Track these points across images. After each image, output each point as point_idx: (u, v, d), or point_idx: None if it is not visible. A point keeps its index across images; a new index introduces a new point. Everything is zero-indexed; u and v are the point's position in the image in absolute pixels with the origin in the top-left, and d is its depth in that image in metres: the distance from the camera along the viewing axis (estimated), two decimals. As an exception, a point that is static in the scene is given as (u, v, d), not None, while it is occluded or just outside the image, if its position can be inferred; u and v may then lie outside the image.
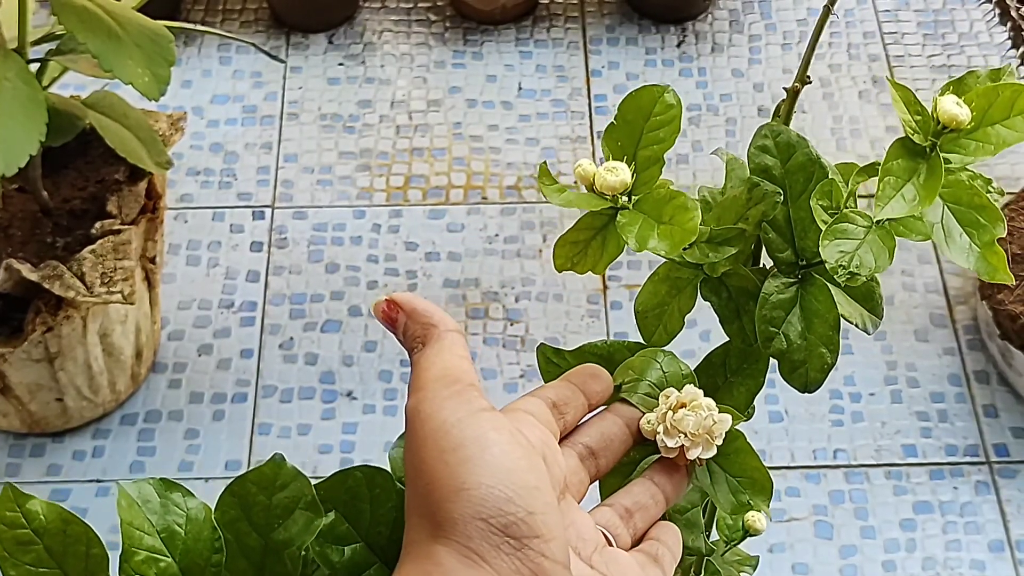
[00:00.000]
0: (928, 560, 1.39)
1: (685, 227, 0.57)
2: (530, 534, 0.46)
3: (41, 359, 1.35)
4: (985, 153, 0.59)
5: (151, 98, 1.14)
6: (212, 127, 1.78)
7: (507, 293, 1.61)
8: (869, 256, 0.59)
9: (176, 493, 0.63)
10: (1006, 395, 1.52)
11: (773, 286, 0.62)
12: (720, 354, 0.65)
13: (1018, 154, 1.74)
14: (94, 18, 1.12)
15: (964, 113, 0.58)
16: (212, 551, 0.62)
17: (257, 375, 1.54)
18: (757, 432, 1.47)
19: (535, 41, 1.88)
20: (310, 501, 0.61)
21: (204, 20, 1.90)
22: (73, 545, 0.62)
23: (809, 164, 0.63)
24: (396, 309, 0.53)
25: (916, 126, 0.59)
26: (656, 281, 0.66)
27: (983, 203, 0.58)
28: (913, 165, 0.59)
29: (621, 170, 0.58)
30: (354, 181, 1.72)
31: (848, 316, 0.64)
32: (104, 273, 1.28)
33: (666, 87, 0.60)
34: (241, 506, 0.62)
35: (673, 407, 0.57)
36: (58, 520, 0.62)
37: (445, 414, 0.49)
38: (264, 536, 0.62)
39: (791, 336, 0.62)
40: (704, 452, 0.57)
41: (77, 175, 1.39)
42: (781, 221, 0.63)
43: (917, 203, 0.58)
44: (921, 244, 1.65)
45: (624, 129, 0.60)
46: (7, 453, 1.47)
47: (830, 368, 0.63)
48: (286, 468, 0.62)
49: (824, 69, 1.84)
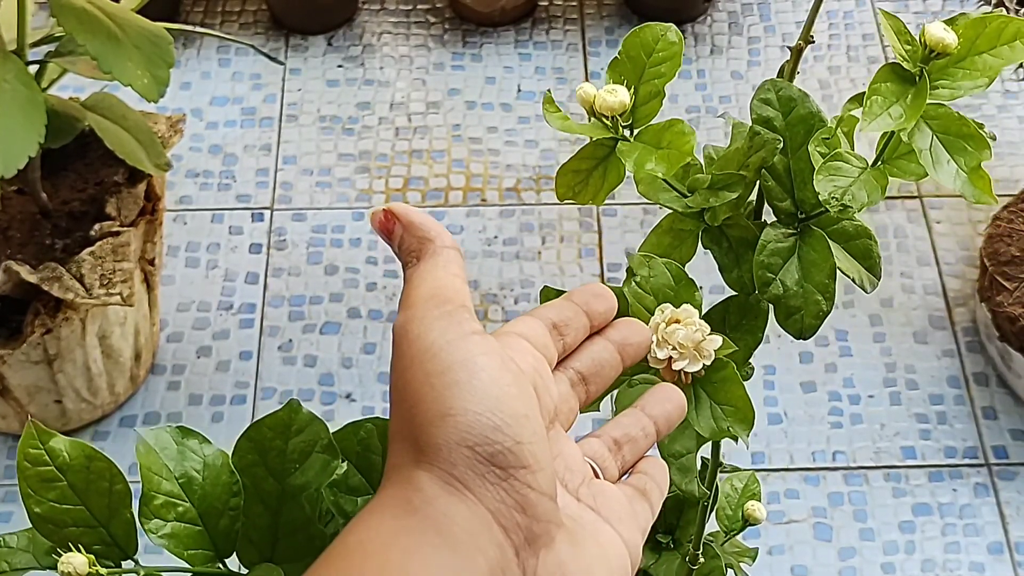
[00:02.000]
0: (927, 562, 1.39)
1: (682, 149, 0.59)
2: (517, 464, 0.45)
3: (40, 361, 1.35)
4: (973, 81, 0.61)
5: (150, 100, 1.14)
6: (211, 129, 1.78)
7: (506, 295, 1.61)
8: (862, 192, 0.61)
9: (193, 440, 0.64)
10: (1005, 397, 1.52)
11: (772, 235, 0.64)
12: (720, 310, 0.66)
13: (1017, 156, 1.74)
14: (93, 20, 1.12)
15: (951, 38, 0.60)
16: (230, 495, 0.62)
17: (256, 377, 1.54)
18: (756, 434, 1.47)
19: (534, 43, 1.88)
20: (326, 444, 0.61)
21: (203, 22, 1.90)
22: (96, 481, 0.62)
23: (809, 117, 0.65)
24: (393, 220, 0.50)
25: (906, 54, 0.61)
26: (659, 232, 0.68)
27: (970, 132, 0.60)
28: (901, 89, 0.61)
29: (620, 91, 0.60)
30: (353, 183, 1.72)
31: (846, 271, 0.65)
32: (103, 275, 1.28)
33: (668, 26, 0.63)
34: (258, 451, 0.62)
35: (667, 320, 0.58)
36: (81, 457, 0.62)
37: (434, 335, 0.46)
38: (280, 480, 0.62)
39: (788, 283, 0.64)
40: (691, 366, 0.57)
41: (76, 177, 1.39)
42: (781, 171, 0.65)
43: (904, 120, 0.60)
44: (921, 246, 1.65)
45: (627, 64, 0.63)
46: (6, 455, 1.47)
47: (825, 315, 0.65)
48: (302, 413, 0.62)
49: (823, 71, 1.84)
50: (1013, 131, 1.77)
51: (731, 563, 0.84)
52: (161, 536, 0.61)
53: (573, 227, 1.67)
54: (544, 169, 1.73)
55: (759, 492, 0.87)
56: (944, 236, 1.66)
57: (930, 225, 1.68)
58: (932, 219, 1.68)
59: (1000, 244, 1.50)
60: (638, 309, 0.60)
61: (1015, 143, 1.76)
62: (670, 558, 0.82)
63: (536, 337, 0.52)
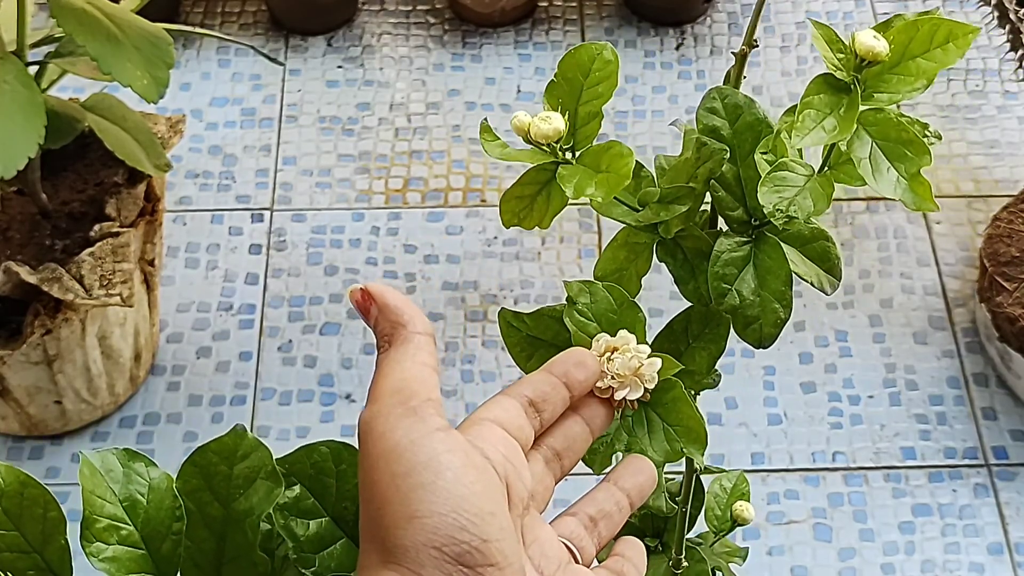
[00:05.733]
0: (927, 563, 1.39)
1: (620, 172, 0.59)
2: (484, 562, 0.45)
3: (40, 362, 1.35)
4: (908, 86, 0.60)
5: (150, 101, 1.14)
6: (211, 130, 1.78)
7: (506, 296, 1.61)
8: (808, 201, 0.60)
9: (139, 463, 0.64)
10: (1005, 398, 1.52)
11: (726, 244, 0.64)
12: (681, 320, 0.66)
13: (1017, 156, 1.74)
14: (93, 21, 1.12)
15: (881, 45, 0.59)
16: (173, 519, 0.62)
17: (256, 378, 1.54)
18: (756, 435, 1.47)
19: (534, 43, 1.88)
20: (271, 471, 0.61)
21: (203, 23, 1.90)
22: (30, 507, 0.62)
23: (757, 124, 0.64)
24: (369, 300, 0.51)
25: (838, 63, 0.60)
26: (615, 247, 0.67)
27: (910, 138, 0.59)
28: (835, 99, 0.61)
29: (554, 119, 0.60)
30: (353, 184, 1.72)
31: (804, 276, 0.65)
32: (103, 276, 1.28)
33: (604, 45, 0.62)
34: (203, 475, 0.62)
35: (603, 351, 0.58)
36: (16, 483, 0.62)
37: (399, 434, 0.47)
38: (225, 505, 0.62)
39: (744, 292, 0.64)
40: (632, 393, 0.57)
41: (76, 178, 1.39)
42: (731, 180, 0.65)
43: (837, 132, 0.59)
44: (921, 247, 1.65)
45: (564, 86, 0.62)
46: (5, 456, 1.47)
47: (783, 323, 0.64)
48: (248, 439, 0.62)
49: (823, 71, 1.84)
50: (1013, 131, 1.77)
51: (719, 565, 0.84)
52: (102, 560, 0.61)
53: (573, 228, 1.67)
54: (544, 170, 1.73)
55: (748, 492, 0.87)
56: (944, 236, 1.66)
57: (930, 226, 1.68)
58: (932, 219, 1.68)
59: (1000, 245, 1.50)
60: (580, 337, 0.60)
61: (1015, 143, 1.76)
62: (657, 562, 0.82)
63: (511, 421, 0.52)
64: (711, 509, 0.86)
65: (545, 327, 0.66)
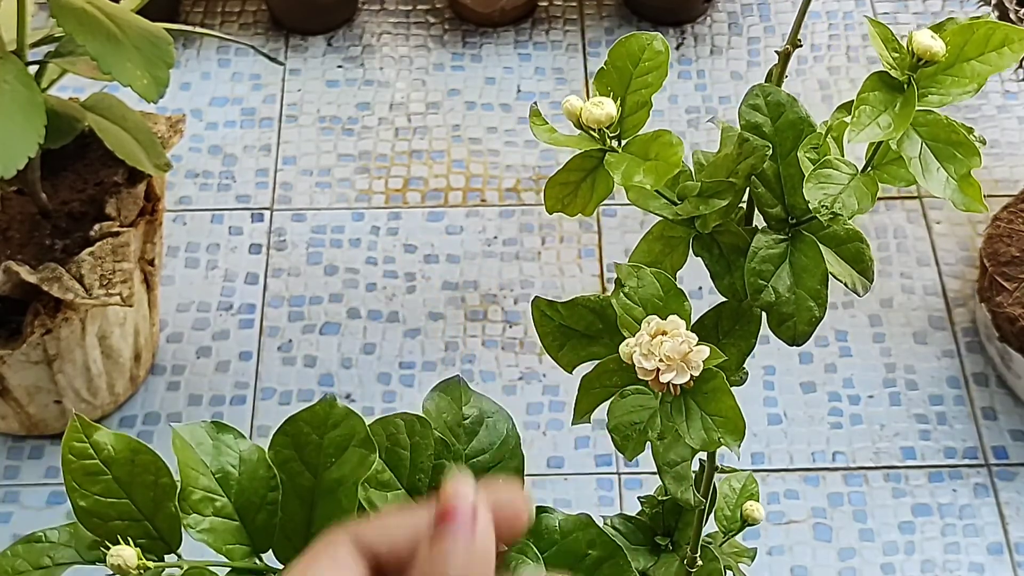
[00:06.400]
0: (927, 563, 1.39)
1: (669, 161, 0.59)
2: None
3: (40, 361, 1.35)
4: (961, 88, 0.60)
5: (150, 100, 1.14)
6: (211, 129, 1.78)
7: (506, 295, 1.61)
8: (852, 200, 0.61)
9: (228, 435, 0.64)
10: (1005, 398, 1.52)
11: (763, 241, 0.64)
12: (712, 316, 0.66)
13: (1017, 156, 1.74)
14: (93, 20, 1.12)
15: (939, 45, 0.59)
16: (267, 489, 0.62)
17: (256, 377, 1.54)
18: (756, 435, 1.47)
19: (534, 43, 1.88)
20: (363, 438, 0.61)
21: (203, 22, 1.90)
22: (141, 475, 0.62)
23: (799, 122, 0.65)
24: None
25: (893, 62, 0.60)
26: (650, 240, 0.68)
27: (960, 139, 0.60)
28: (890, 98, 0.61)
29: (607, 104, 0.60)
30: (353, 183, 1.72)
31: (839, 276, 0.65)
32: (103, 275, 1.28)
33: (655, 35, 0.62)
34: (294, 445, 0.62)
35: (653, 333, 0.58)
36: (126, 450, 0.62)
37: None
38: (316, 475, 0.62)
39: (780, 289, 0.64)
40: (678, 377, 0.57)
41: (76, 177, 1.39)
42: (771, 177, 0.65)
43: (892, 130, 0.60)
44: (921, 247, 1.65)
45: (614, 75, 0.62)
46: (5, 455, 1.47)
47: (818, 321, 0.64)
48: (337, 407, 0.62)
49: (823, 71, 1.84)
50: (1013, 131, 1.77)
51: (730, 564, 0.84)
52: (200, 531, 0.61)
53: (573, 227, 1.67)
54: (544, 169, 1.73)
55: (757, 492, 0.87)
56: (944, 236, 1.66)
57: (930, 225, 1.68)
58: (932, 219, 1.68)
59: (1000, 244, 1.50)
60: (627, 320, 0.60)
61: (1015, 143, 1.76)
62: (669, 560, 0.82)
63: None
64: (720, 509, 0.86)
65: (579, 317, 0.67)
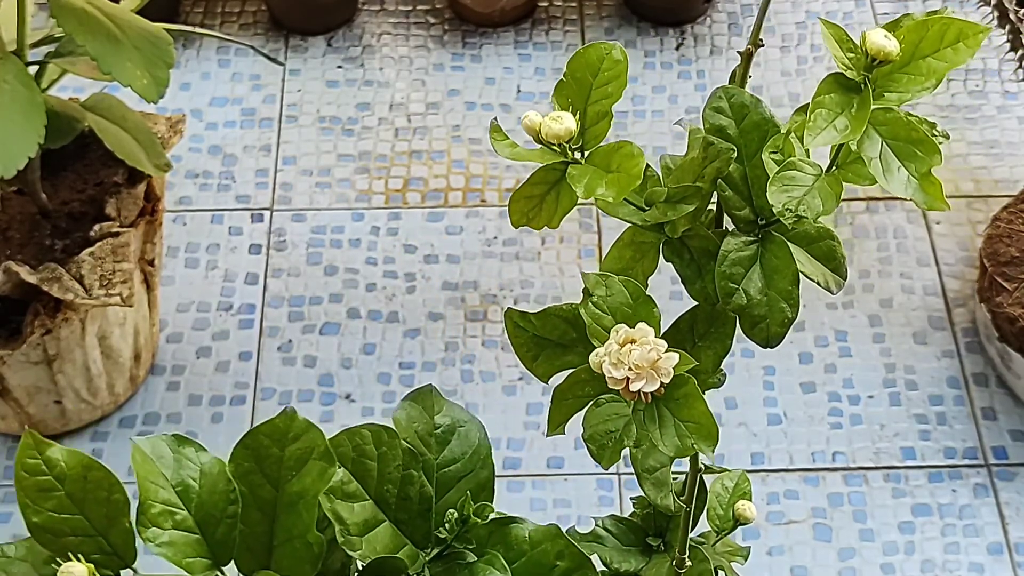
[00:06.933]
0: (927, 563, 1.39)
1: (631, 172, 0.59)
2: None
3: (40, 361, 1.35)
4: (919, 85, 0.60)
5: (150, 100, 1.14)
6: (211, 130, 1.78)
7: (506, 295, 1.61)
8: (816, 201, 0.61)
9: (189, 448, 0.64)
10: (1005, 398, 1.52)
11: (732, 244, 0.64)
12: (687, 320, 0.66)
13: (1017, 156, 1.74)
14: (93, 21, 1.12)
15: (892, 45, 0.59)
16: (228, 502, 0.62)
17: (256, 377, 1.54)
18: (756, 435, 1.47)
19: (534, 44, 1.88)
20: (323, 451, 0.61)
21: (203, 23, 1.90)
22: (94, 490, 0.62)
23: (763, 123, 0.64)
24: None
25: (849, 62, 0.60)
26: (620, 246, 0.68)
27: (920, 137, 0.60)
28: (846, 99, 0.61)
29: (566, 118, 0.60)
30: (353, 184, 1.72)
31: (810, 275, 0.65)
32: (103, 275, 1.28)
33: (613, 44, 0.62)
34: (254, 458, 0.62)
35: (621, 341, 0.58)
36: (79, 466, 0.62)
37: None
38: (277, 487, 0.62)
39: (751, 292, 0.64)
40: (648, 385, 0.57)
41: (76, 177, 1.39)
42: (738, 179, 0.65)
43: (849, 132, 0.60)
44: (921, 247, 1.65)
45: (573, 86, 0.63)
46: (5, 455, 1.47)
47: (790, 322, 0.64)
48: (298, 420, 0.62)
49: (823, 72, 1.84)
50: (1013, 131, 1.77)
51: (721, 564, 0.84)
52: (159, 544, 0.61)
53: (573, 228, 1.67)
54: (544, 170, 1.73)
55: (750, 491, 0.87)
56: (944, 237, 1.66)
57: (930, 226, 1.68)
58: (932, 220, 1.68)
59: (1000, 245, 1.50)
60: (596, 330, 0.60)
61: (1014, 143, 1.76)
62: (660, 561, 0.82)
63: None
64: (713, 509, 0.86)
65: (552, 327, 0.66)
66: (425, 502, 0.65)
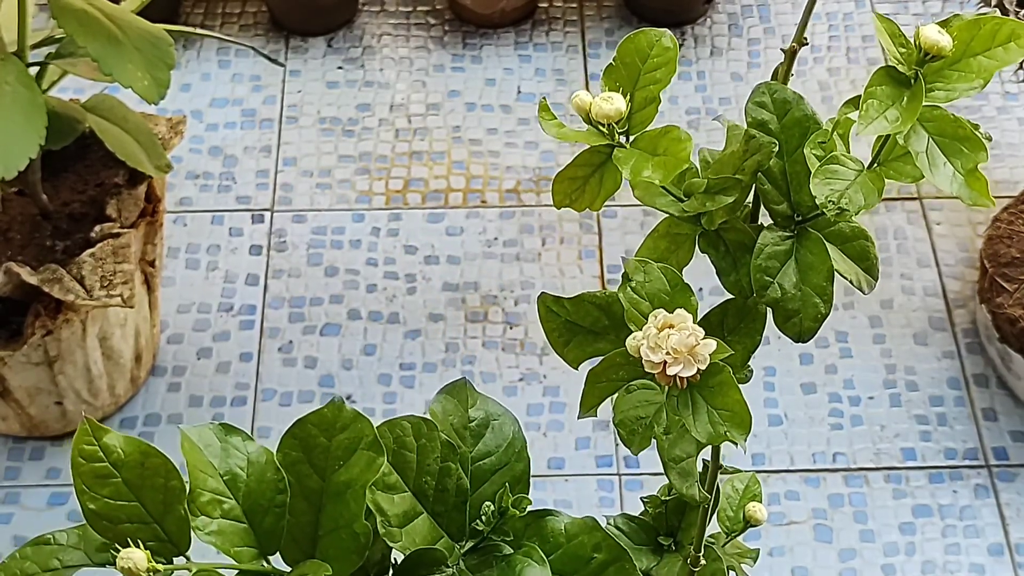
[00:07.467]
0: (927, 564, 1.39)
1: (678, 156, 0.59)
2: None
3: (40, 362, 1.35)
4: (968, 83, 0.61)
5: (151, 102, 1.14)
6: (211, 131, 1.78)
7: (506, 296, 1.61)
8: (859, 195, 0.61)
9: (236, 437, 0.64)
10: (1005, 399, 1.52)
11: (769, 238, 0.65)
12: (718, 313, 0.66)
13: (1017, 157, 1.74)
14: (94, 22, 1.12)
15: (945, 40, 0.60)
16: (275, 492, 0.62)
17: (256, 379, 1.54)
18: (757, 436, 1.47)
19: (534, 45, 1.88)
20: (371, 441, 0.61)
21: (203, 24, 1.90)
22: (151, 477, 0.62)
23: (804, 120, 0.65)
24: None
25: (901, 57, 0.61)
26: (656, 237, 0.68)
27: (967, 134, 0.60)
28: (897, 92, 0.61)
29: (616, 99, 0.61)
30: (353, 184, 1.72)
31: (844, 273, 0.65)
32: (103, 276, 1.28)
33: (663, 31, 0.63)
34: (302, 448, 0.62)
35: (660, 326, 0.58)
36: (136, 453, 0.62)
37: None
38: (324, 477, 0.62)
39: (786, 286, 0.64)
40: (685, 370, 0.57)
41: (76, 178, 1.39)
42: (777, 174, 0.65)
43: (899, 123, 0.60)
44: (921, 248, 1.65)
45: (622, 71, 0.63)
46: (6, 456, 1.47)
47: (824, 318, 0.65)
48: (346, 410, 0.62)
49: (823, 73, 1.84)
50: (1013, 132, 1.77)
51: (732, 564, 0.84)
52: (208, 533, 0.61)
53: (573, 228, 1.67)
54: (544, 171, 1.73)
55: (760, 493, 0.87)
56: (944, 238, 1.67)
57: (930, 227, 1.68)
58: (932, 221, 1.68)
59: (1000, 245, 1.50)
60: (634, 314, 0.60)
61: (1015, 144, 1.76)
62: (672, 560, 0.82)
63: None
64: (723, 510, 0.86)
65: (585, 313, 0.67)
66: (461, 495, 0.66)
